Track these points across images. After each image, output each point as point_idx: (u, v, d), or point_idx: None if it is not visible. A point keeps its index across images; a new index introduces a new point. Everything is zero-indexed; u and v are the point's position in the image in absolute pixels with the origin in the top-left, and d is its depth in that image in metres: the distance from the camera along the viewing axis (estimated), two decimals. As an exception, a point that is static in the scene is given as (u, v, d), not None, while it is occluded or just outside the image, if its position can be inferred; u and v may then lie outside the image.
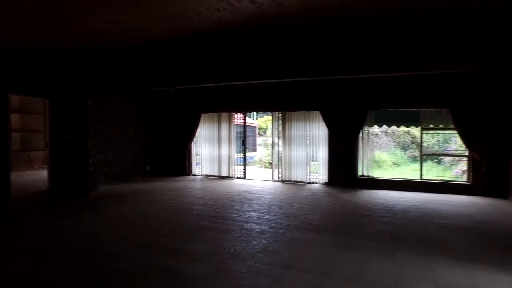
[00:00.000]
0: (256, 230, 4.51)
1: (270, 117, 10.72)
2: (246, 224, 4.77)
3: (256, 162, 14.21)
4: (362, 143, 8.16)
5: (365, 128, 8.13)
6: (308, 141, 8.63)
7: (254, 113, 19.57)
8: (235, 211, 5.54)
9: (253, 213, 5.40)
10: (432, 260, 3.46)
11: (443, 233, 4.44)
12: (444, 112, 7.46)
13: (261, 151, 16.03)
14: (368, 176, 8.11)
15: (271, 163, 10.03)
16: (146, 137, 9.96)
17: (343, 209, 5.79)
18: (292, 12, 3.79)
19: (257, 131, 19.71)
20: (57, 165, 7.10)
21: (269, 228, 4.61)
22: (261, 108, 8.91)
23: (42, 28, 4.39)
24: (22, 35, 4.72)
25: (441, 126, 7.89)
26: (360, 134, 8.08)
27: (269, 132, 22.90)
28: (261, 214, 5.34)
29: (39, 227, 4.58)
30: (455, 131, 7.59)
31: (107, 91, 6.59)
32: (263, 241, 4.07)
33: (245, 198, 6.65)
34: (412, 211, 5.61)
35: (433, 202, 6.29)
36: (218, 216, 5.20)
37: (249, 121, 12.67)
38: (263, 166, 13.38)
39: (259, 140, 18.24)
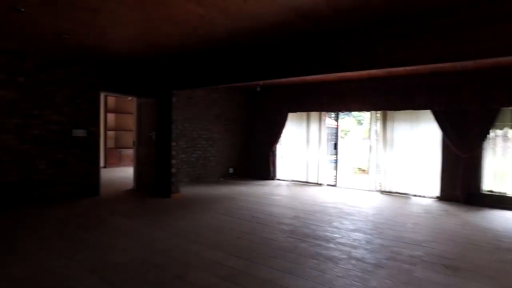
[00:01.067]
0: (370, 261, 3.47)
1: (352, 119, 9.34)
2: (354, 251, 3.75)
3: (342, 167, 12.90)
4: (490, 150, 6.48)
5: (495, 131, 6.43)
6: (414, 145, 7.20)
7: (332, 113, 18.18)
8: (335, 230, 4.54)
9: (358, 234, 4.35)
10: None
11: None
12: None
13: (346, 155, 14.65)
14: (499, 192, 6.39)
15: (361, 169, 8.74)
16: (229, 138, 9.49)
17: (480, 237, 4.38)
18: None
19: (339, 133, 18.28)
20: (141, 164, 6.90)
21: (386, 259, 3.52)
22: (359, 106, 7.74)
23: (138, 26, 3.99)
24: (121, 38, 4.43)
25: None
26: (488, 139, 6.42)
27: (356, 134, 21.20)
28: (369, 236, 4.27)
29: (121, 232, 4.18)
30: None
31: (190, 86, 6.13)
32: (386, 281, 3.01)
33: (343, 212, 5.60)
34: None
35: None
36: (316, 236, 4.27)
37: (329, 122, 11.49)
38: (353, 172, 12.06)
39: (341, 142, 16.82)
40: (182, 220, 4.84)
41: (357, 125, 22.75)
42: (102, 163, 10.83)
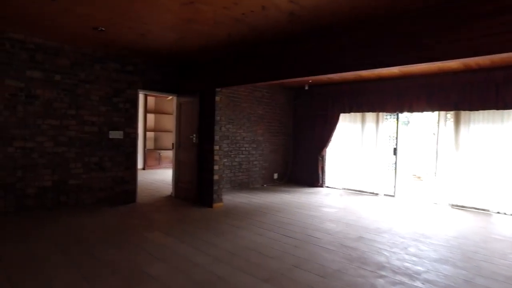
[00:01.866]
0: (481, 314, 2.57)
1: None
2: (452, 295, 2.86)
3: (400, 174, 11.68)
4: None
5: None
6: (496, 152, 6.02)
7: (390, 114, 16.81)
8: (415, 259, 3.63)
9: (448, 268, 3.42)
10: None
11: None
12: None
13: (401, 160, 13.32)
14: None
15: (416, 176, 7.62)
16: (274, 140, 8.76)
17: None
18: None
19: (399, 136, 16.90)
20: (181, 169, 6.35)
21: (503, 311, 2.60)
22: (424, 106, 6.68)
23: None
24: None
25: None
26: None
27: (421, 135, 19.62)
28: (464, 273, 3.31)
29: (156, 253, 3.57)
30: None
31: (237, 83, 5.45)
32: None
33: (415, 232, 4.64)
34: None
35: None
36: (394, 267, 3.39)
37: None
38: (410, 179, 10.85)
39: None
40: (225, 238, 4.16)
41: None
42: (141, 165, 10.57)
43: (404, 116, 7.61)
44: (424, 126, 12.62)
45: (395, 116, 7.54)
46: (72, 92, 5.25)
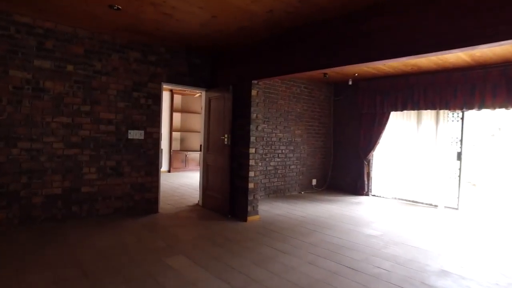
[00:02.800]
0: None
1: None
2: None
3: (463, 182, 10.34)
4: None
5: None
6: None
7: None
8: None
9: None
10: None
11: None
12: None
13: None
14: None
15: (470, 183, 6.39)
16: (313, 142, 7.77)
17: None
18: None
19: (463, 138, 15.38)
20: (209, 175, 5.50)
21: None
22: (502, 101, 5.49)
23: None
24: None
25: None
26: None
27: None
28: None
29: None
30: None
31: (278, 73, 4.52)
32: None
33: (514, 264, 3.55)
34: None
35: None
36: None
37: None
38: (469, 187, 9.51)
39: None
40: (269, 270, 3.23)
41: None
42: (166, 167, 9.89)
43: (457, 115, 6.39)
44: (480, 125, 11.20)
45: (459, 115, 6.34)
46: (87, 85, 4.51)
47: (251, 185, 4.90)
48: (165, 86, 5.31)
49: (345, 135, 7.96)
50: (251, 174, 4.90)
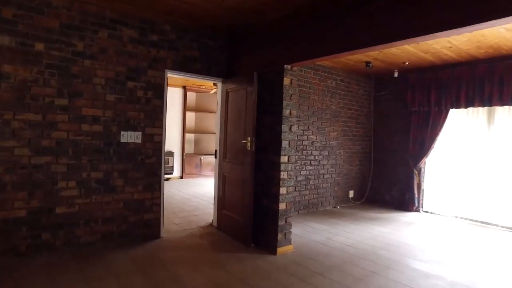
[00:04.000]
0: None
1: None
2: None
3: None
4: None
5: None
6: None
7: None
8: None
9: None
10: None
11: None
12: None
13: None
14: None
15: None
16: (350, 146, 6.46)
17: None
18: None
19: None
20: (227, 189, 4.27)
21: None
22: None
23: None
24: None
25: None
26: None
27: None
28: None
29: None
30: None
31: (319, 54, 3.27)
32: None
33: None
34: None
35: None
36: None
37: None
38: None
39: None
40: None
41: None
42: (178, 173, 8.79)
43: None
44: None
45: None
46: (63, 71, 3.36)
47: (282, 206, 3.64)
48: (170, 75, 4.11)
49: (389, 137, 6.60)
50: (283, 190, 3.64)
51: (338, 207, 6.20)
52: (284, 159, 3.62)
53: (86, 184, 3.52)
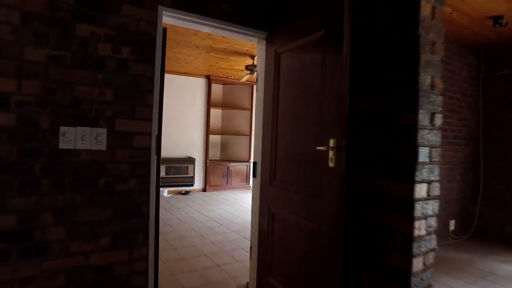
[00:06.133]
0: None
1: None
2: None
3: None
4: None
5: None
6: None
7: None
8: None
9: None
10: None
11: None
12: None
13: None
14: None
15: None
16: (450, 153, 4.31)
17: None
18: None
19: None
20: (274, 237, 2.22)
21: None
22: None
23: None
24: None
25: None
26: None
27: None
28: None
29: None
30: None
31: None
32: None
33: None
34: None
35: None
36: None
37: None
38: None
39: None
40: None
41: None
42: (200, 185, 6.98)
43: None
44: None
45: None
46: None
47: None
48: (170, 20, 2.16)
49: (510, 140, 4.35)
50: (417, 263, 1.56)
51: (437, 247, 4.01)
52: (421, 189, 1.55)
53: (9, 232, 1.61)
